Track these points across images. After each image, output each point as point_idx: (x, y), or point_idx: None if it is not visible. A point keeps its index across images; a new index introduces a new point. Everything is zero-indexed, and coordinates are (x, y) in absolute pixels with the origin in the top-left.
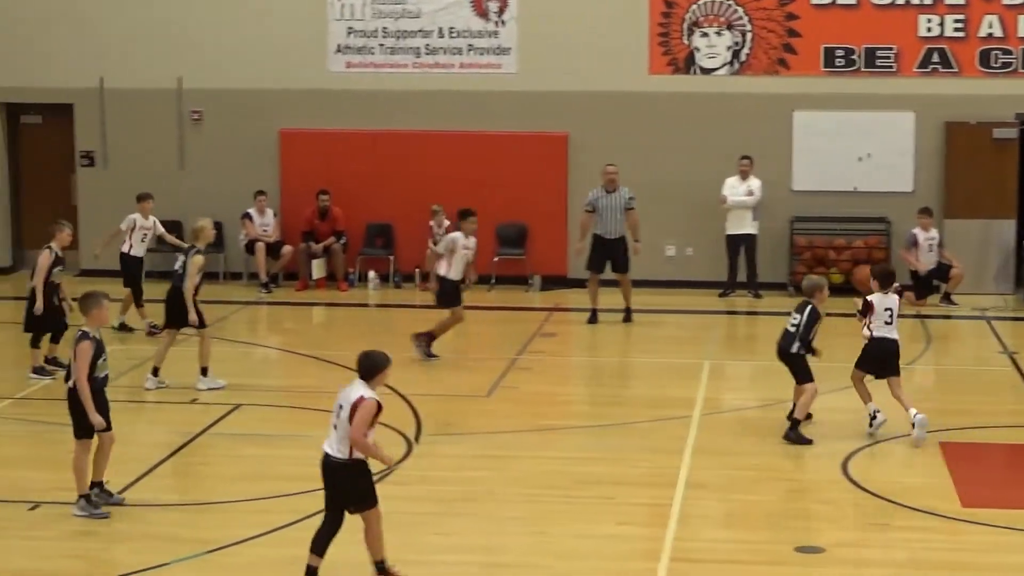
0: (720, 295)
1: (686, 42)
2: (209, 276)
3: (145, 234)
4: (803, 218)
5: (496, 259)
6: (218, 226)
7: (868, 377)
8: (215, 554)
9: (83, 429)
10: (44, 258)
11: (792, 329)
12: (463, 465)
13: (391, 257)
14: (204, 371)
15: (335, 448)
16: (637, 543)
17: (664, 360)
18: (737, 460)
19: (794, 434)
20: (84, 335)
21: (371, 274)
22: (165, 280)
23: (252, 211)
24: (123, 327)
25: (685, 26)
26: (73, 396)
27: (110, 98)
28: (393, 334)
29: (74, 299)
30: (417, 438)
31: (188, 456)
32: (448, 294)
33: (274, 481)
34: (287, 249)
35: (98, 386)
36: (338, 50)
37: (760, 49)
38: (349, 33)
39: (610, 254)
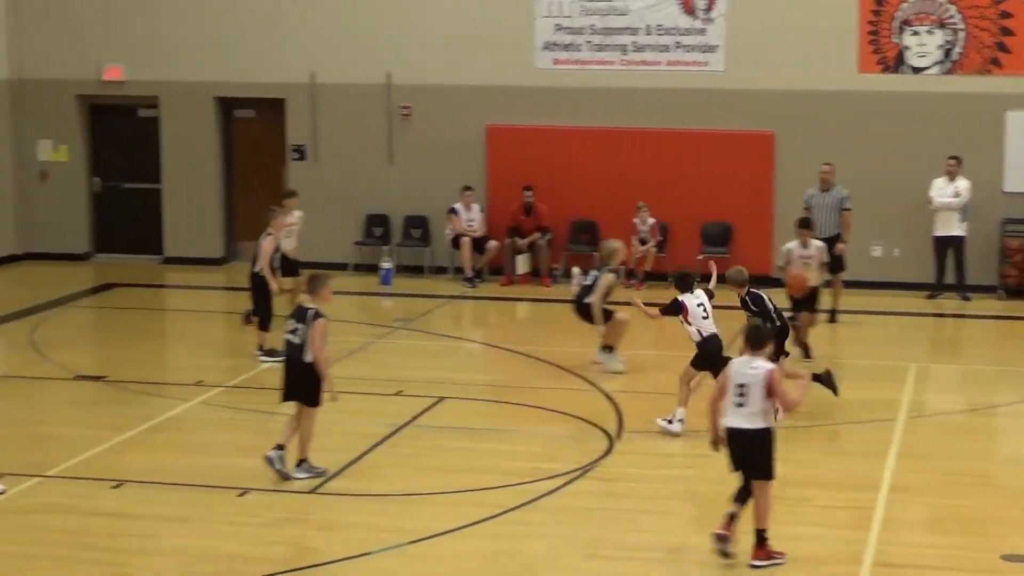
0: (927, 297)
1: (896, 40)
2: (414, 270)
3: (291, 229)
4: (1015, 220)
5: (700, 257)
6: (424, 221)
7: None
8: (415, 545)
9: (316, 399)
10: (268, 244)
11: None
12: (664, 463)
13: (595, 254)
14: (610, 348)
15: (748, 422)
16: (837, 545)
17: (869, 362)
18: (943, 464)
19: None
20: (318, 313)
21: (575, 270)
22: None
23: (458, 206)
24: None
25: (895, 24)
26: (309, 369)
27: (321, 93)
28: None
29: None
30: (619, 435)
31: (392, 447)
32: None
33: (474, 474)
34: (492, 244)
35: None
36: (545, 47)
37: (972, 48)
38: (557, 30)
39: None
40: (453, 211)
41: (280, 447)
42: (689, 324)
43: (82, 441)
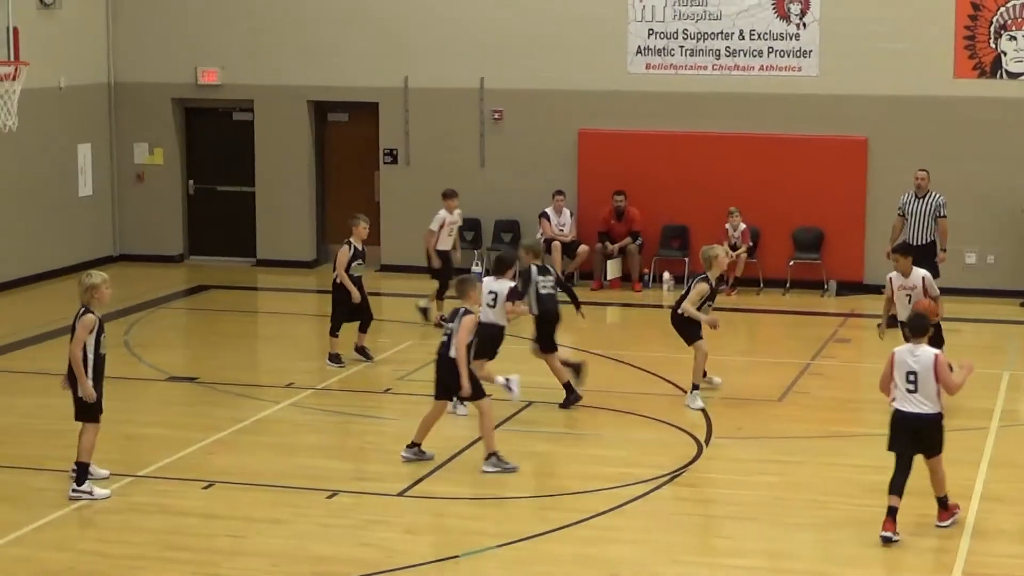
0: (1021, 304)
1: (993, 46)
2: (463, 273)
3: (452, 228)
4: None
5: (791, 263)
6: (515, 225)
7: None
8: (504, 549)
9: (483, 390)
10: (343, 253)
11: None
12: (752, 469)
13: (686, 259)
14: (694, 387)
15: (921, 407)
16: (928, 555)
17: None
18: None
19: None
20: (467, 311)
21: (666, 275)
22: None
23: (549, 210)
24: (425, 312)
25: (992, 29)
26: (453, 362)
27: (414, 97)
28: None
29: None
30: (707, 440)
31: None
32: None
33: (563, 479)
34: (583, 249)
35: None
36: (638, 51)
37: None
38: (649, 35)
39: (916, 260)
40: (544, 215)
41: (413, 445)
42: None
43: (174, 442)
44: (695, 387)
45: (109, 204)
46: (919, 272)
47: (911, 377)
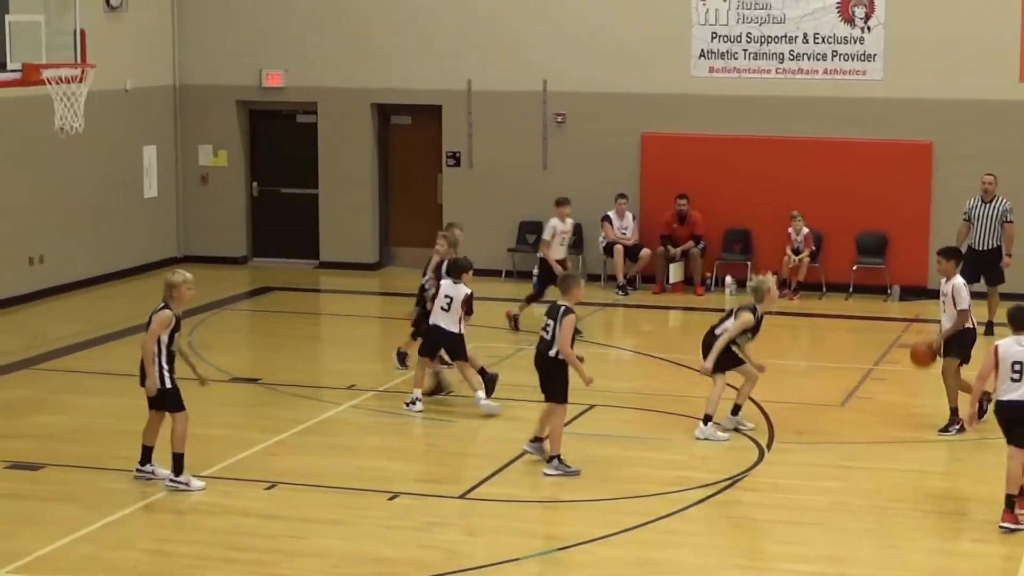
0: None
1: None
2: (525, 276)
3: (564, 237)
4: None
5: (854, 268)
6: (578, 228)
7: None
8: (565, 552)
9: (563, 394)
10: (434, 262)
11: None
12: (814, 474)
13: (748, 263)
14: (707, 418)
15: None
16: (993, 562)
17: None
18: None
19: None
20: (569, 310)
21: (728, 279)
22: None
23: (612, 214)
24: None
25: None
26: (556, 364)
27: (477, 100)
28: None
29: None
30: (769, 445)
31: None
32: None
33: (623, 483)
34: (645, 252)
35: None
36: (701, 55)
37: None
38: (713, 38)
39: (982, 266)
40: (607, 219)
41: (536, 439)
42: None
43: (236, 442)
44: (708, 418)
45: (174, 206)
46: (954, 280)
47: (1016, 367)
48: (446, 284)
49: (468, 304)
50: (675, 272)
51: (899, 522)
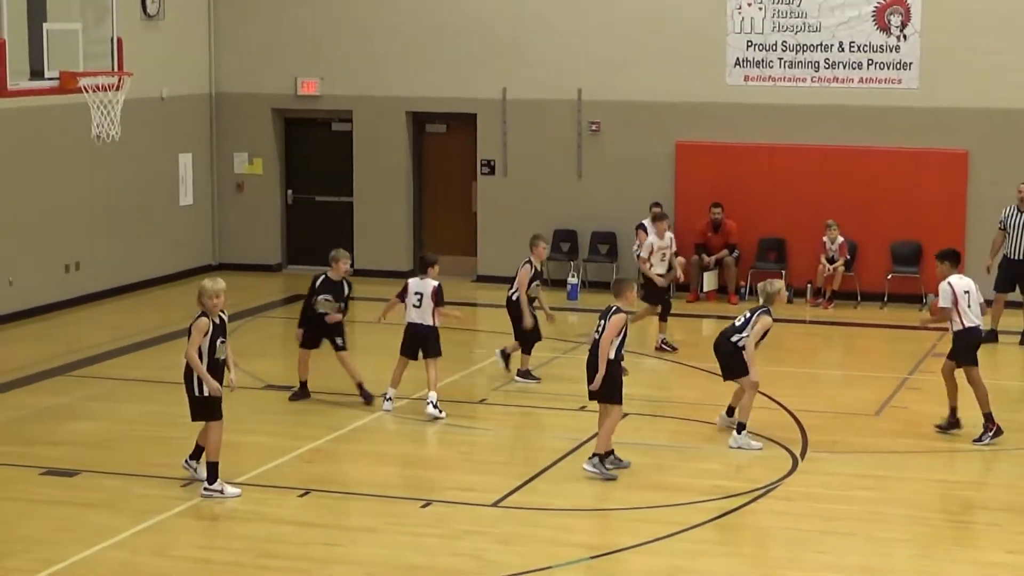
0: None
1: None
2: (601, 286)
3: (664, 253)
4: None
5: (889, 277)
6: (612, 237)
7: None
8: (597, 560)
9: (619, 396)
10: (524, 272)
11: None
12: (848, 483)
13: (783, 271)
14: (740, 427)
15: None
16: (1022, 572)
17: None
18: None
19: None
20: (619, 310)
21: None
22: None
23: (646, 222)
24: (665, 345)
25: None
26: (610, 363)
27: (512, 108)
28: (783, 349)
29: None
30: (803, 454)
31: (575, 462)
32: None
33: (657, 491)
34: (679, 260)
35: (618, 357)
36: (737, 63)
37: None
38: (748, 47)
39: (1017, 274)
40: (641, 227)
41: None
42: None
43: (270, 450)
44: (742, 426)
45: (209, 213)
46: (944, 281)
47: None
48: (414, 282)
49: (438, 296)
50: (709, 281)
51: (933, 532)
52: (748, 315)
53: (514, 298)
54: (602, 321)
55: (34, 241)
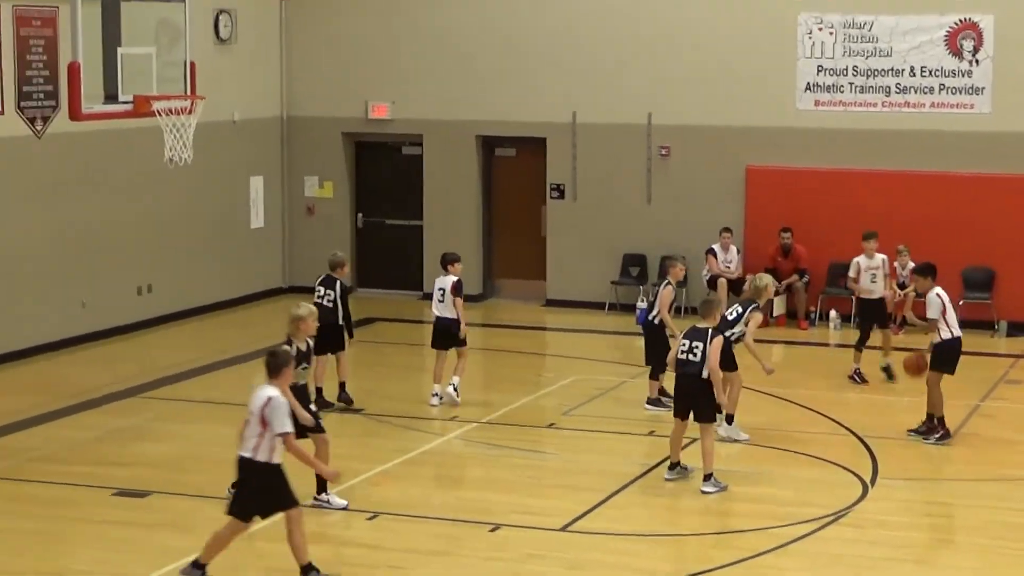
0: None
1: None
2: (628, 309)
3: (873, 274)
4: None
5: (961, 303)
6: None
7: None
8: None
9: (712, 414)
10: (665, 293)
11: None
12: (918, 511)
13: (853, 297)
14: (729, 418)
15: None
16: None
17: None
18: None
19: None
20: (717, 331)
21: (832, 313)
22: None
23: (716, 247)
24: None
25: None
26: (705, 385)
27: (581, 132)
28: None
29: None
30: (873, 481)
31: (643, 487)
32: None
33: (725, 517)
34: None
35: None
36: (807, 88)
37: None
38: (819, 71)
39: None
40: (711, 252)
41: (674, 466)
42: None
43: (340, 472)
44: (731, 417)
45: (280, 236)
46: (930, 293)
47: None
48: (438, 280)
49: (457, 289)
50: (779, 306)
51: (1005, 562)
52: (740, 310)
53: (656, 321)
54: (700, 343)
55: (107, 263)
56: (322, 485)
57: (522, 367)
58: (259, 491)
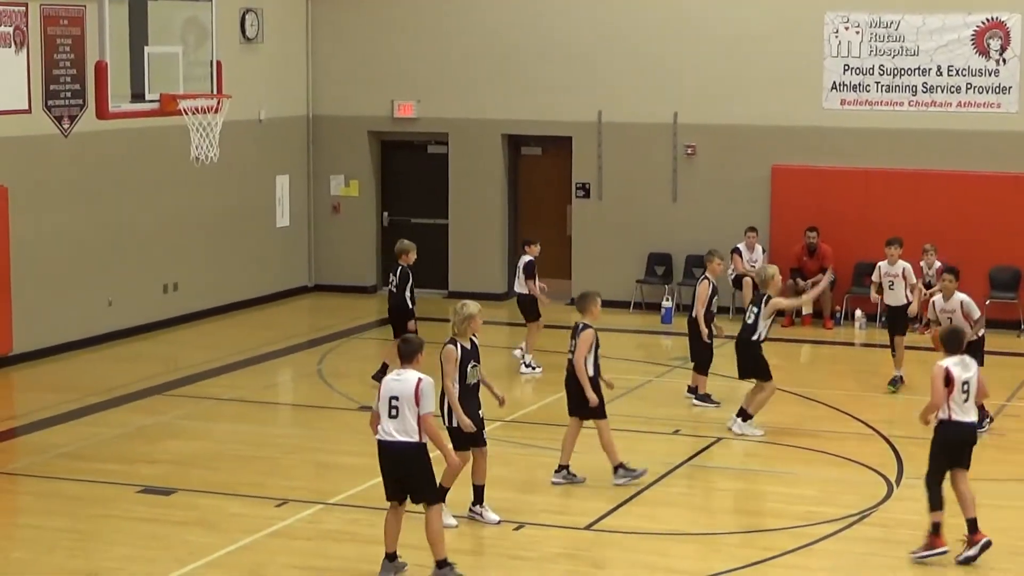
0: None
1: None
2: (653, 308)
3: (891, 280)
4: None
5: (987, 302)
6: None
7: None
8: None
9: (603, 410)
10: (703, 288)
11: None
12: (945, 511)
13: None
14: (745, 415)
15: None
16: None
17: None
18: None
19: None
20: (586, 326)
21: (858, 313)
22: None
23: (741, 246)
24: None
25: None
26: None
27: (607, 131)
28: (879, 375)
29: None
30: (898, 480)
31: (667, 486)
32: None
33: (749, 516)
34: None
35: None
36: (833, 87)
37: None
38: (845, 70)
39: None
40: (736, 251)
41: (561, 468)
42: None
43: (364, 470)
44: (749, 416)
45: (305, 235)
46: (959, 297)
47: (965, 387)
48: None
49: (528, 269)
50: (804, 305)
51: None
52: (755, 310)
53: (694, 316)
54: (573, 340)
55: (133, 261)
56: (479, 497)
57: (547, 365)
58: (429, 469)
